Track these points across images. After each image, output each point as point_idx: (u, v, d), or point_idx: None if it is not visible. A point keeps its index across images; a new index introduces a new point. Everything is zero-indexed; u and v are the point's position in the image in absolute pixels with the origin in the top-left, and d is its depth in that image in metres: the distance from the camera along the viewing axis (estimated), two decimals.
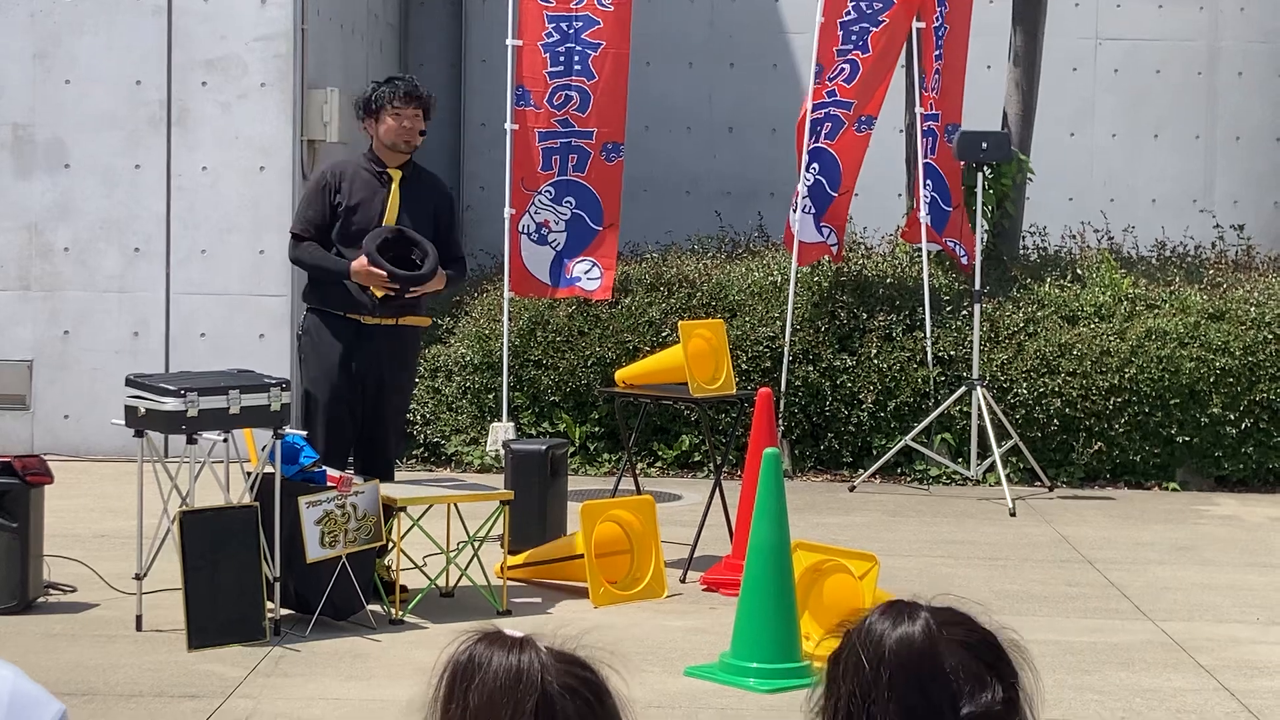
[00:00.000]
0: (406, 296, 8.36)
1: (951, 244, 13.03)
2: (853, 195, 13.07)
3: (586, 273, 12.56)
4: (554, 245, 12.56)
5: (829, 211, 12.83)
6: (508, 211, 12.47)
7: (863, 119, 12.81)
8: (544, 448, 9.61)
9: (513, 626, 2.35)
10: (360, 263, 8.22)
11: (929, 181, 12.95)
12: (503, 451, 10.12)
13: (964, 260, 12.97)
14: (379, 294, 8.30)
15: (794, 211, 12.71)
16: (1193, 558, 9.96)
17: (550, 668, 2.28)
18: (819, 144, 12.70)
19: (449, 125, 16.29)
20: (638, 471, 10.77)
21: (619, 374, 9.94)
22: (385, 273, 8.19)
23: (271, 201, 12.43)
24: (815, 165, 12.73)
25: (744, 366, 12.36)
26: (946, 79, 13.06)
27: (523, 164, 12.51)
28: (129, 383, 7.68)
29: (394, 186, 8.42)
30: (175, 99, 12.43)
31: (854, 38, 12.58)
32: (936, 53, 12.99)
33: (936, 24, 12.97)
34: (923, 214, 12.78)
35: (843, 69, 12.61)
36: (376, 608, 7.97)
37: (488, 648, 2.30)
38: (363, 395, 8.38)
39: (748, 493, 8.56)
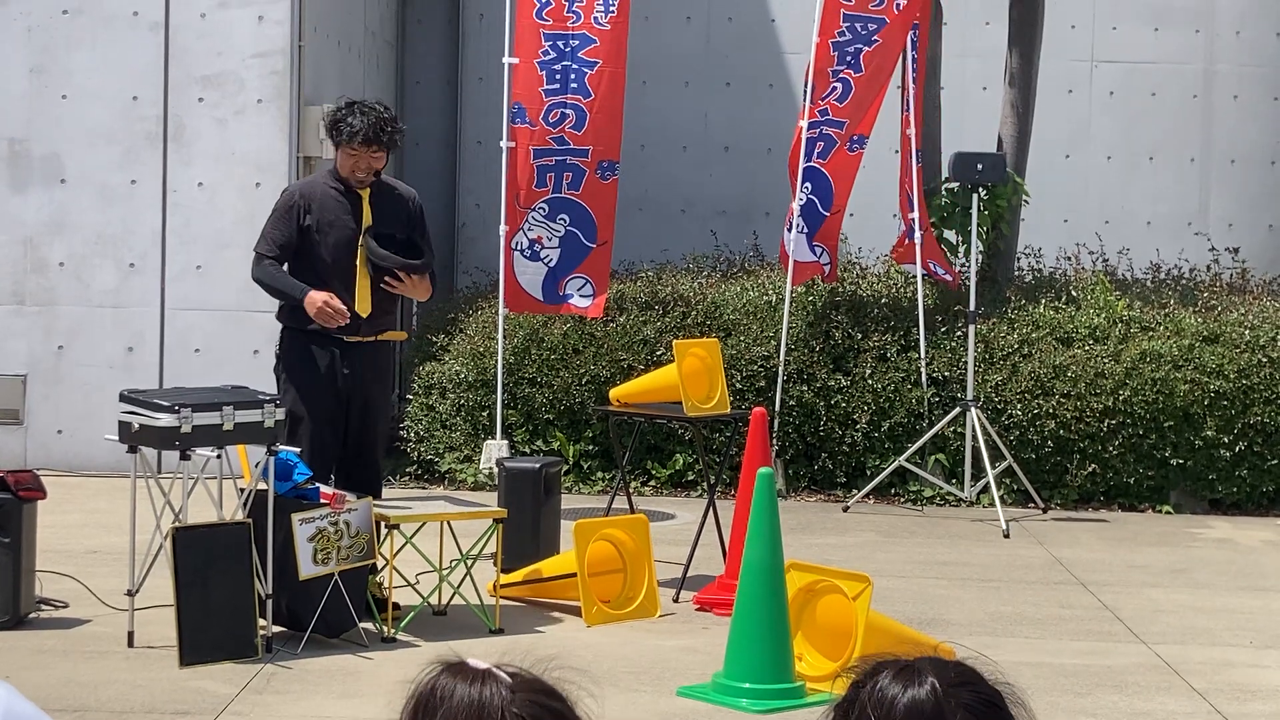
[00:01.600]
0: (387, 286, 8.34)
1: (933, 265, 13.01)
2: (845, 215, 13.08)
3: (579, 290, 12.56)
4: (547, 262, 12.56)
5: (821, 230, 12.84)
6: (503, 228, 12.48)
7: (855, 138, 12.83)
8: (538, 466, 9.61)
9: (503, 646, 2.35)
10: (316, 295, 8.14)
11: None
12: (496, 469, 10.11)
13: (946, 278, 12.97)
14: (364, 310, 8.28)
15: (788, 230, 12.73)
16: (1186, 580, 9.96)
17: (514, 699, 2.27)
18: (811, 163, 12.71)
19: (445, 142, 16.30)
20: (631, 490, 10.76)
21: (613, 392, 9.93)
22: (341, 309, 8.12)
23: (267, 218, 12.41)
24: (808, 185, 12.74)
25: (738, 386, 12.36)
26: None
27: (518, 181, 12.52)
28: (123, 398, 7.68)
29: (364, 205, 8.39)
30: (172, 115, 12.43)
31: (848, 58, 12.60)
32: (912, 75, 13.00)
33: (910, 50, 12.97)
34: (916, 235, 12.79)
35: (835, 88, 12.63)
36: (369, 626, 7.96)
37: (450, 679, 2.30)
38: (347, 415, 8.35)
39: (741, 512, 8.55)
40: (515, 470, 9.58)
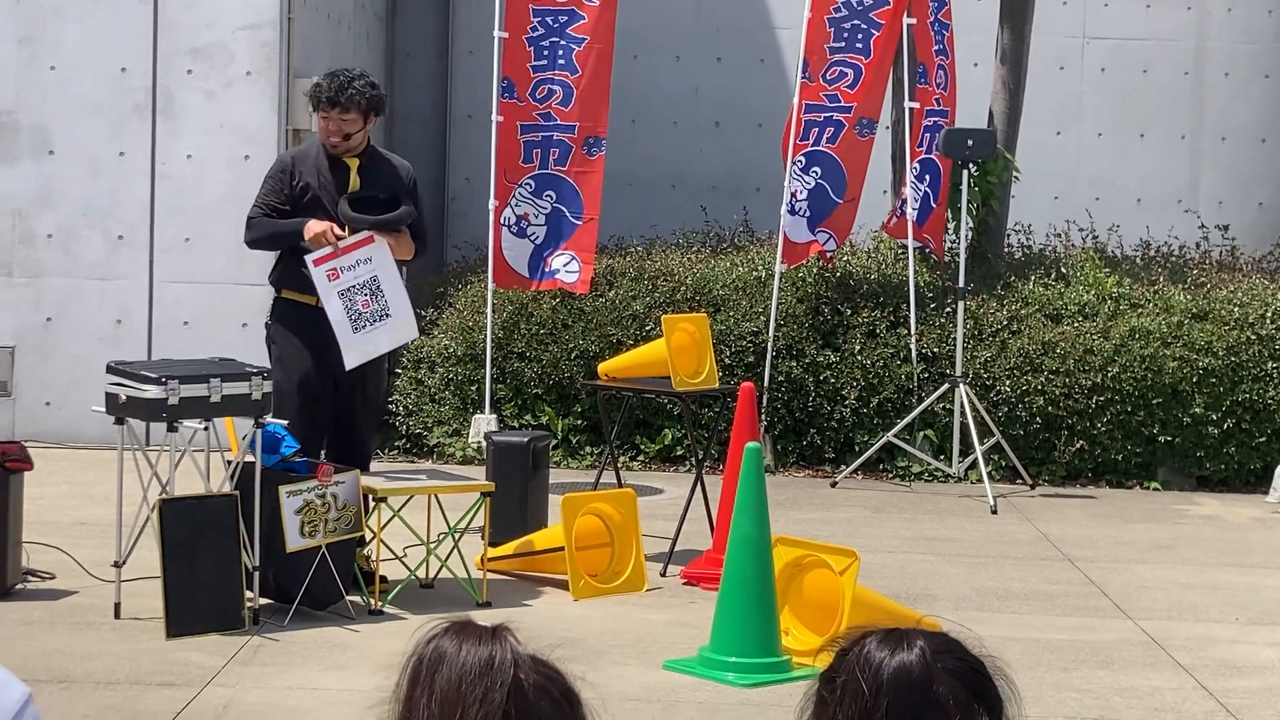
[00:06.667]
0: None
1: (929, 239, 13.01)
2: (858, 204, 12.96)
3: (565, 265, 12.53)
4: (533, 239, 12.55)
5: (831, 217, 12.73)
6: (492, 203, 12.46)
7: (863, 121, 12.76)
8: (526, 440, 9.61)
9: (491, 619, 2.35)
10: (315, 223, 8.14)
11: (926, 176, 12.94)
12: (485, 443, 10.11)
13: (931, 250, 12.99)
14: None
15: (788, 213, 12.64)
16: (1173, 557, 9.98)
17: (524, 662, 2.28)
18: (819, 147, 12.65)
19: (435, 116, 16.26)
20: (619, 465, 10.76)
21: (602, 367, 9.92)
22: (342, 230, 8.13)
23: (256, 190, 12.38)
24: (816, 169, 12.68)
25: (727, 361, 12.36)
26: (952, 76, 13.10)
27: (506, 156, 12.50)
28: (110, 370, 7.67)
29: (352, 173, 8.39)
30: (160, 86, 12.40)
31: (846, 36, 12.55)
32: (938, 47, 12.98)
33: (932, 20, 12.97)
34: (911, 210, 12.77)
35: (845, 74, 12.57)
36: (356, 598, 7.97)
37: (458, 635, 2.30)
38: (336, 388, 8.33)
39: (729, 487, 8.56)
40: (503, 444, 9.58)
